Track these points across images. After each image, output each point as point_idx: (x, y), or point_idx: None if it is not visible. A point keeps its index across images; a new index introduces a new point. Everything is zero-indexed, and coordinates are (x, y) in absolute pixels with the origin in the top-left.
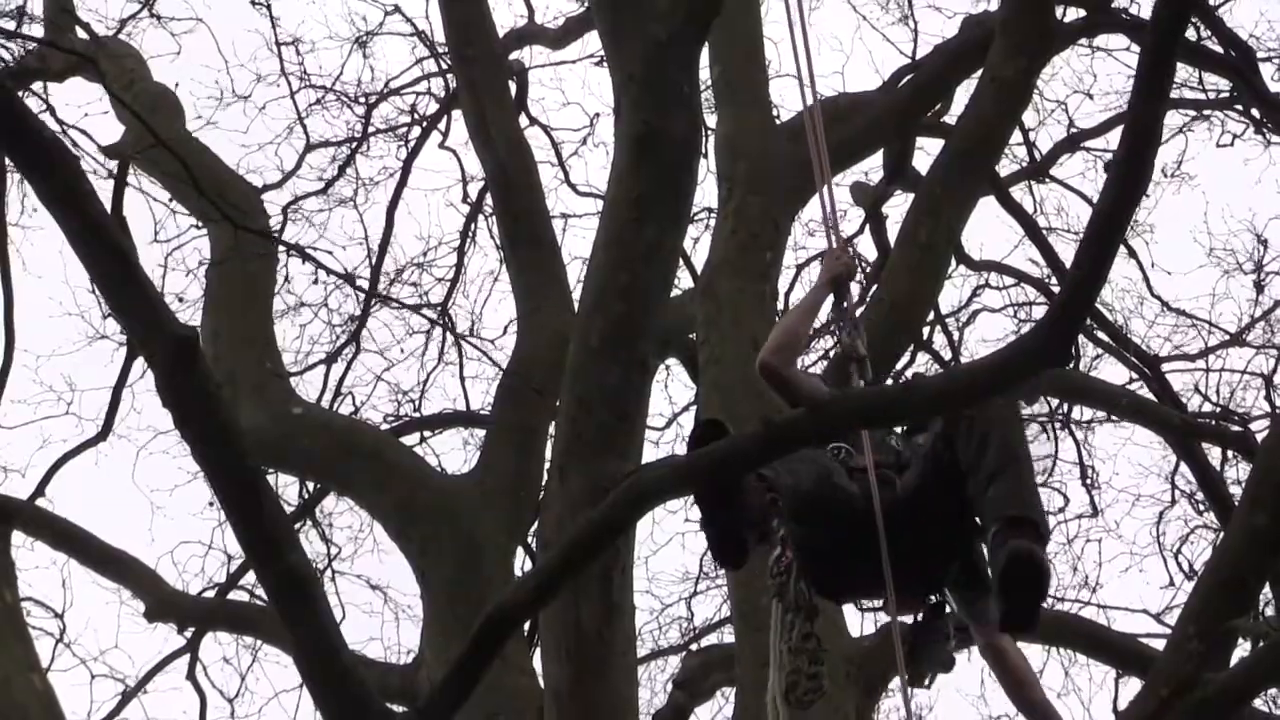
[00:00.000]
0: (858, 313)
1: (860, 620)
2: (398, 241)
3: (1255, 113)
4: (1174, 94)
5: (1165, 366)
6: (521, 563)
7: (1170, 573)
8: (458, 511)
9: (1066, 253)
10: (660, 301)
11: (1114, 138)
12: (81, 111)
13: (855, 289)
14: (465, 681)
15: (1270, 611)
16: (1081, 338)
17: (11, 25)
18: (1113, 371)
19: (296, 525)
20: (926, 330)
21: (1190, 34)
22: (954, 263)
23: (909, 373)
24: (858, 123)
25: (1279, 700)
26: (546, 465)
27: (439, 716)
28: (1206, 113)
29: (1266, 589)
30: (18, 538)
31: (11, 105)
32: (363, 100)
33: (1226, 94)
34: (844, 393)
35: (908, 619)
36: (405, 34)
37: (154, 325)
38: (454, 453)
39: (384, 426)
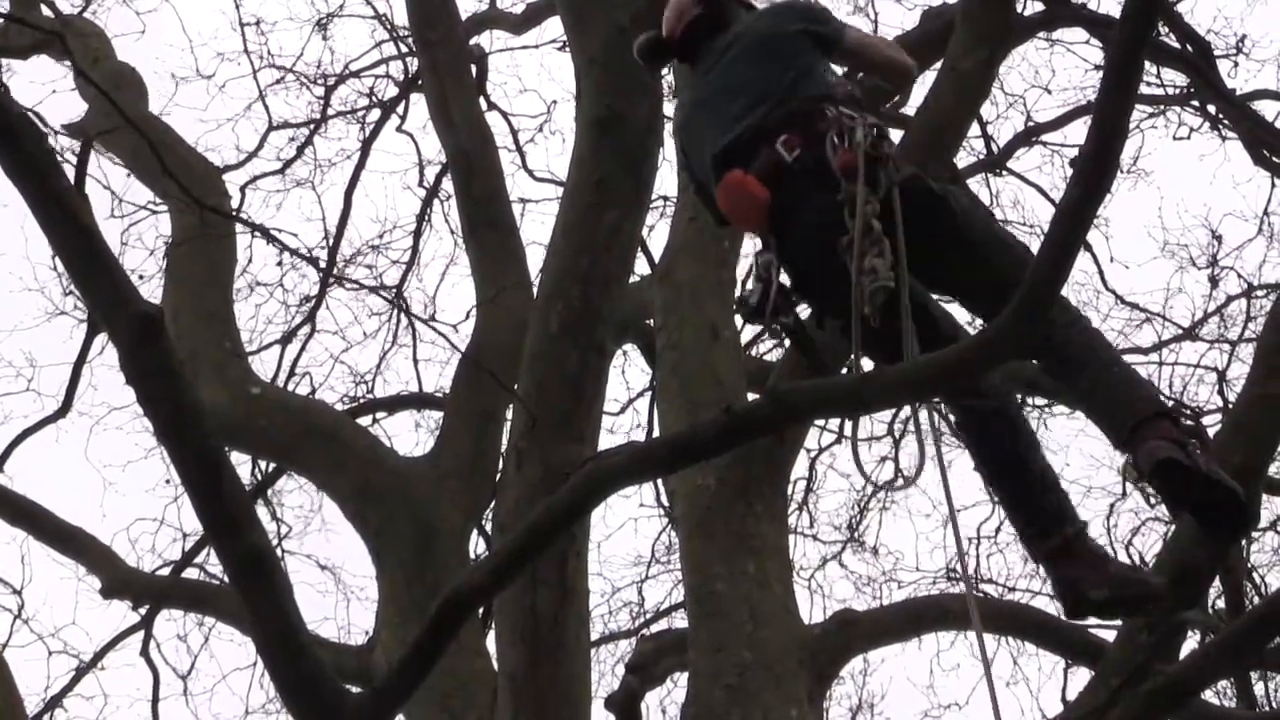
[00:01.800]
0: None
1: (810, 608)
2: (354, 224)
3: (1211, 109)
4: None
5: (1130, 359)
6: (477, 546)
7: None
8: (414, 494)
9: (1032, 242)
10: (619, 287)
11: (1071, 131)
12: (46, 89)
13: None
14: (423, 663)
15: (1220, 604)
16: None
17: None
18: None
19: (252, 502)
20: None
21: None
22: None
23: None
24: None
25: (1228, 692)
26: (503, 449)
27: (396, 698)
28: (1163, 108)
29: (1216, 582)
30: None
31: None
32: (322, 82)
33: (1183, 89)
34: (803, 383)
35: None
36: (366, 16)
37: (118, 302)
38: (407, 434)
39: (340, 407)
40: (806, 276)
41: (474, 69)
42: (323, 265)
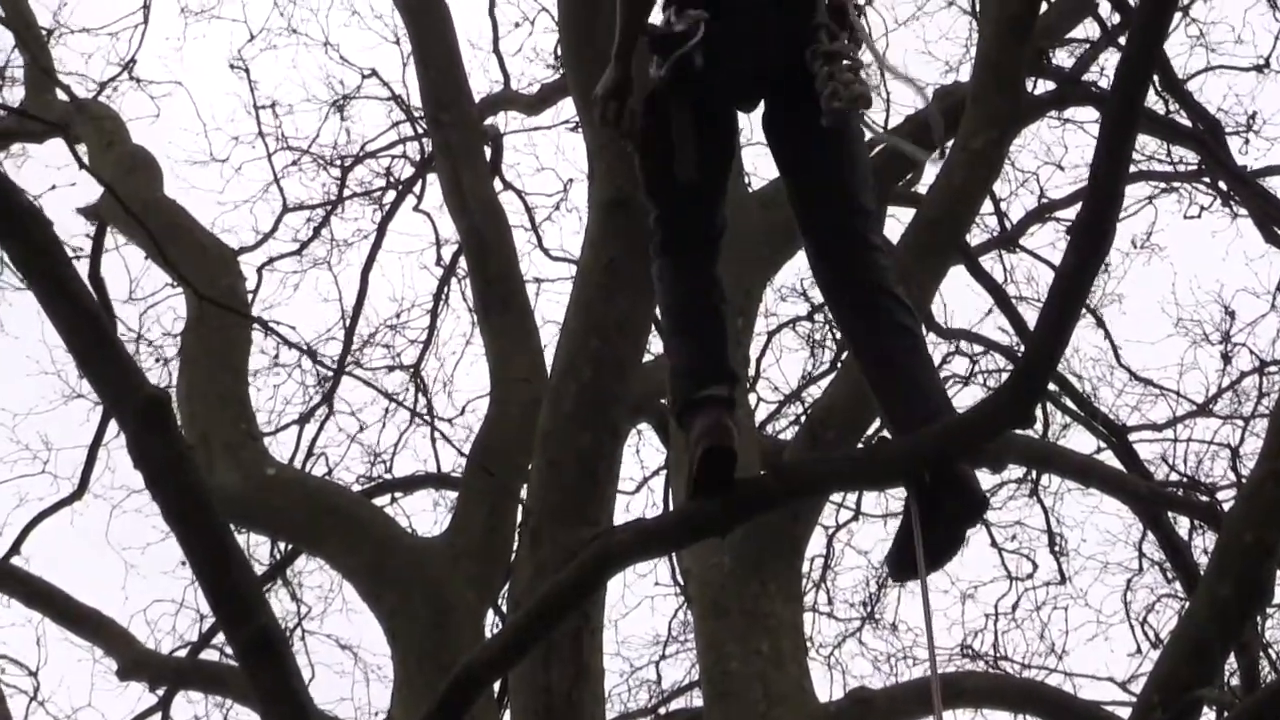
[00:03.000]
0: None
1: (830, 685)
2: (371, 303)
3: (1222, 185)
4: (1142, 166)
5: (1133, 436)
6: (492, 624)
7: (1137, 640)
8: (429, 573)
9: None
10: (632, 368)
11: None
12: (60, 172)
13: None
14: None
15: (1235, 681)
16: (1050, 406)
17: None
18: (1081, 440)
19: (267, 585)
20: None
21: (1159, 107)
22: (924, 330)
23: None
24: None
25: None
26: (518, 527)
27: None
28: (1175, 185)
29: (1231, 658)
30: None
31: None
32: (339, 163)
33: (1194, 167)
34: (808, 458)
35: None
36: (382, 98)
37: (124, 386)
38: (424, 513)
39: (356, 487)
40: (738, 51)
41: (489, 149)
42: (320, 359)
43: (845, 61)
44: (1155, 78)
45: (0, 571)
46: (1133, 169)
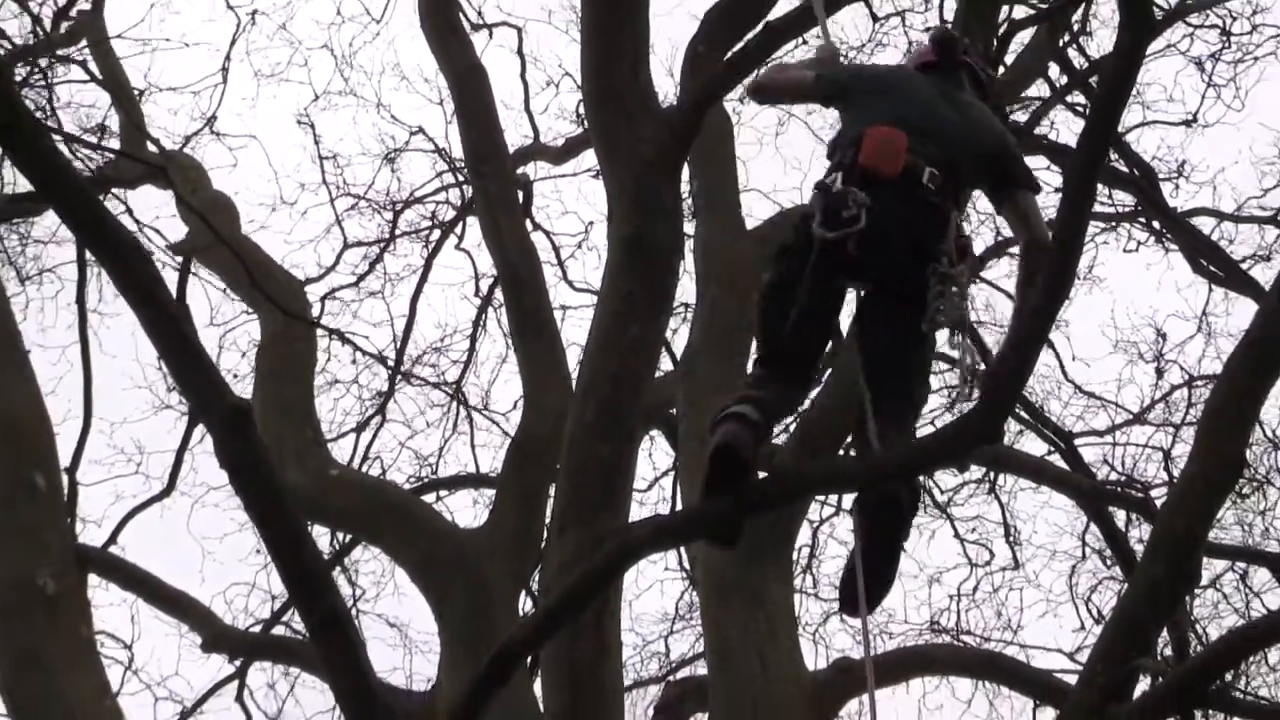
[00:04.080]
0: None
1: (815, 658)
2: (419, 329)
3: (1156, 224)
4: None
5: (1078, 441)
6: (524, 606)
7: (1081, 618)
8: (471, 561)
9: (991, 341)
10: (645, 383)
11: None
12: (152, 214)
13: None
14: (476, 706)
15: (1168, 652)
16: (1011, 422)
17: (93, 139)
18: (1032, 445)
19: (331, 570)
20: None
21: None
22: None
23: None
24: None
25: None
26: (547, 522)
27: None
28: (1115, 224)
29: (1164, 633)
30: (93, 580)
31: (94, 208)
32: (390, 207)
33: (1132, 208)
34: (800, 466)
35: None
36: (427, 151)
37: (212, 397)
38: (465, 509)
39: (407, 486)
40: (881, 249)
41: (521, 195)
42: (391, 364)
43: (955, 288)
44: None
45: (99, 559)
46: None
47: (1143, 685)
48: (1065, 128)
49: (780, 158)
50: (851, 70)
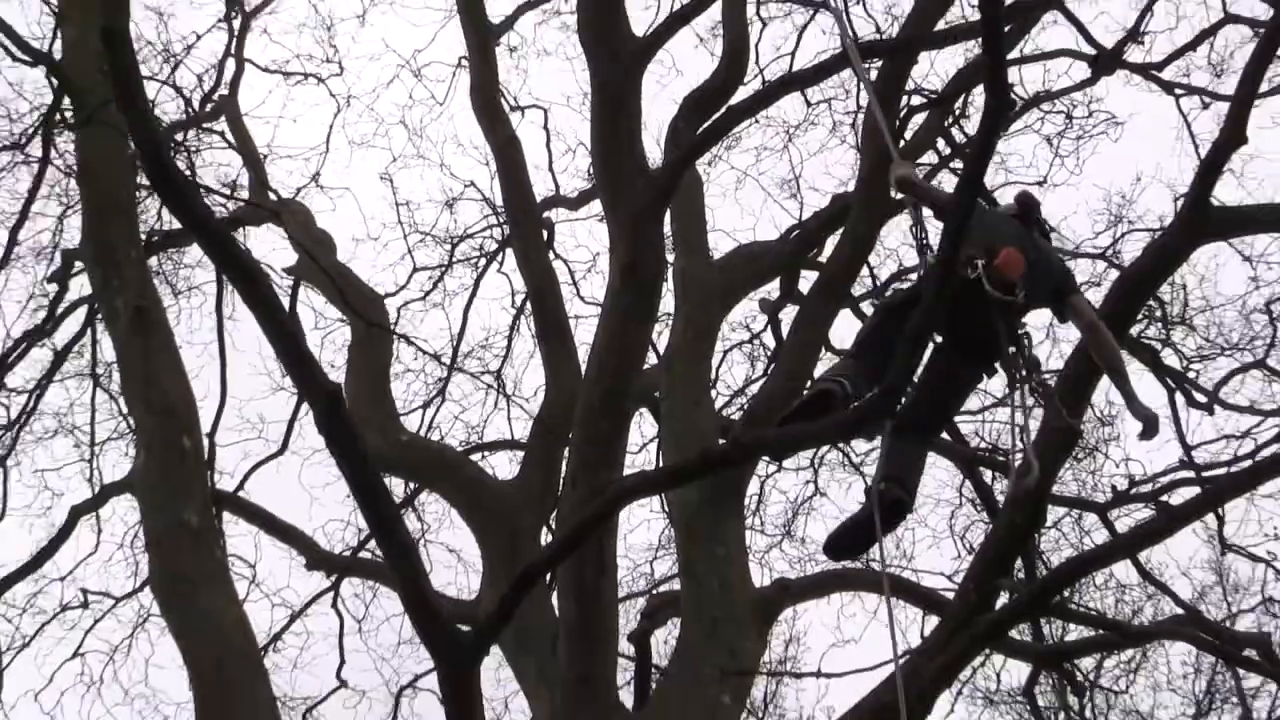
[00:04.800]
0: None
1: (761, 577)
2: (470, 331)
3: None
4: None
5: (957, 419)
6: (544, 537)
7: (958, 550)
8: (505, 505)
9: None
10: (637, 375)
11: None
12: (272, 246)
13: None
14: (508, 610)
15: (1022, 575)
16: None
17: (228, 191)
18: None
19: (401, 511)
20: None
21: None
22: (823, 351)
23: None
24: (765, 261)
25: (1026, 632)
26: (562, 477)
27: (490, 633)
28: None
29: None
30: (227, 517)
31: (227, 244)
32: (449, 241)
33: None
34: (750, 432)
35: None
36: (476, 199)
37: (314, 383)
38: (503, 466)
39: (459, 449)
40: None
41: (545, 233)
42: (447, 359)
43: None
44: None
45: (231, 501)
46: None
47: (1003, 600)
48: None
49: (738, 207)
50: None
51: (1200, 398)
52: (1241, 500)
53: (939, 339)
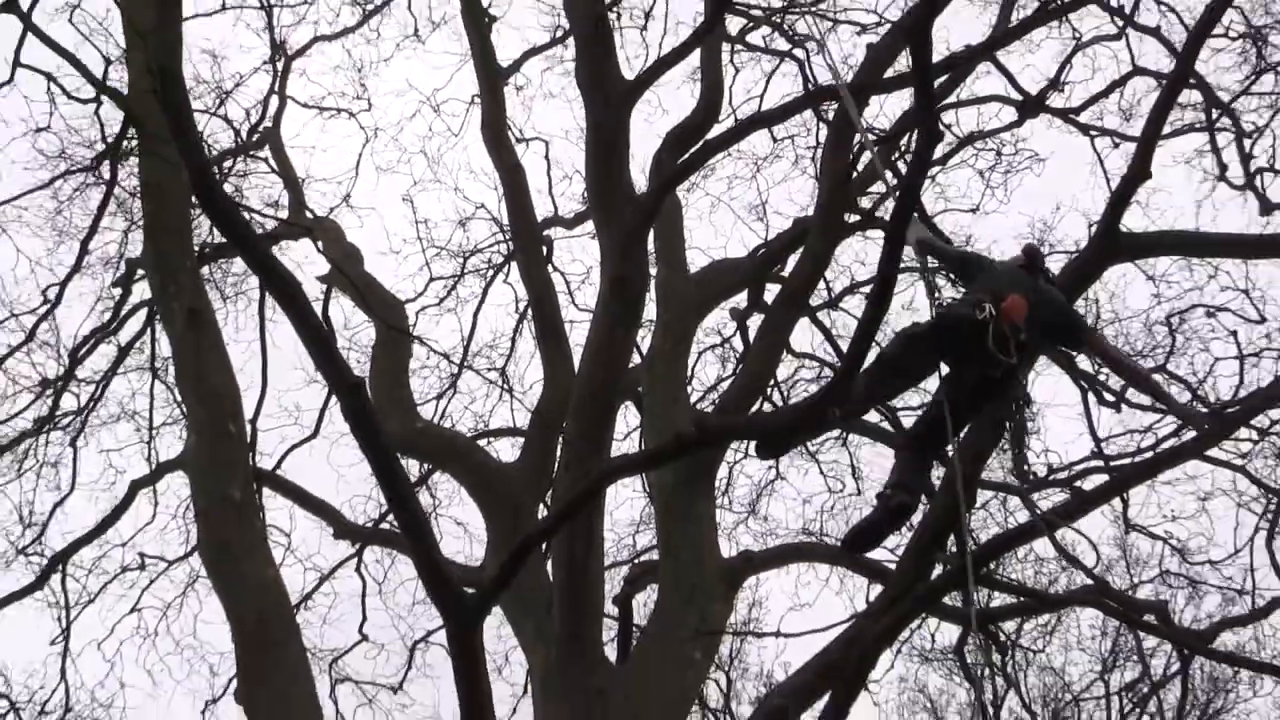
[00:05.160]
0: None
1: (729, 549)
2: (480, 334)
3: (953, 276)
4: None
5: (900, 413)
6: (540, 513)
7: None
8: (508, 484)
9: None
10: (623, 374)
11: None
12: (305, 255)
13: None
14: (506, 578)
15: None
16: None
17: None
18: (870, 415)
19: (416, 488)
20: (770, 389)
21: None
22: (784, 353)
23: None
24: (735, 275)
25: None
26: (557, 460)
27: (493, 596)
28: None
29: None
30: (266, 492)
31: (266, 256)
32: (461, 255)
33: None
34: (717, 420)
35: None
36: (486, 219)
37: (341, 377)
38: (507, 451)
39: (468, 435)
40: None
41: (545, 249)
42: (456, 358)
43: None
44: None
45: (270, 478)
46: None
47: (938, 571)
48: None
49: (712, 228)
50: (975, 258)
51: (1109, 397)
52: (1144, 487)
53: (947, 369)
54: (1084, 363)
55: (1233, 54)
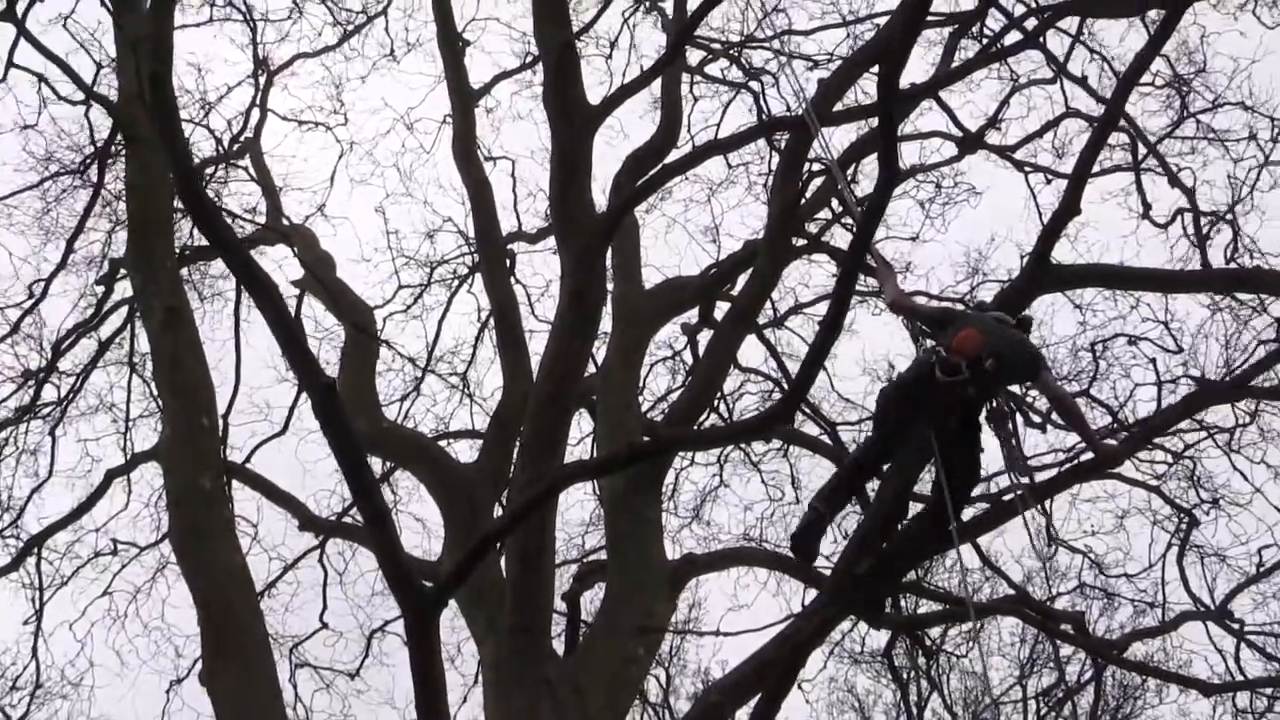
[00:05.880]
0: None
1: (674, 552)
2: (443, 340)
3: None
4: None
5: (840, 428)
6: (497, 512)
7: (835, 536)
8: (467, 483)
9: (791, 366)
10: (578, 381)
11: (821, 308)
12: (281, 260)
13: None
14: (464, 573)
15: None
16: (799, 414)
17: (249, 216)
18: (810, 428)
19: (379, 483)
20: (717, 402)
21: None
22: (731, 367)
23: (708, 423)
24: (687, 292)
25: None
26: (514, 462)
27: (451, 589)
28: (864, 298)
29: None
30: (235, 484)
31: (246, 259)
32: (428, 265)
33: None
34: (666, 430)
35: None
36: (453, 231)
37: (313, 375)
38: (466, 451)
39: (430, 436)
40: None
41: (508, 261)
42: (421, 363)
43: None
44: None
45: (239, 470)
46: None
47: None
48: (842, 239)
49: (667, 247)
50: (949, 313)
51: (1036, 418)
52: (1066, 502)
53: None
54: (1014, 386)
55: (1159, 99)
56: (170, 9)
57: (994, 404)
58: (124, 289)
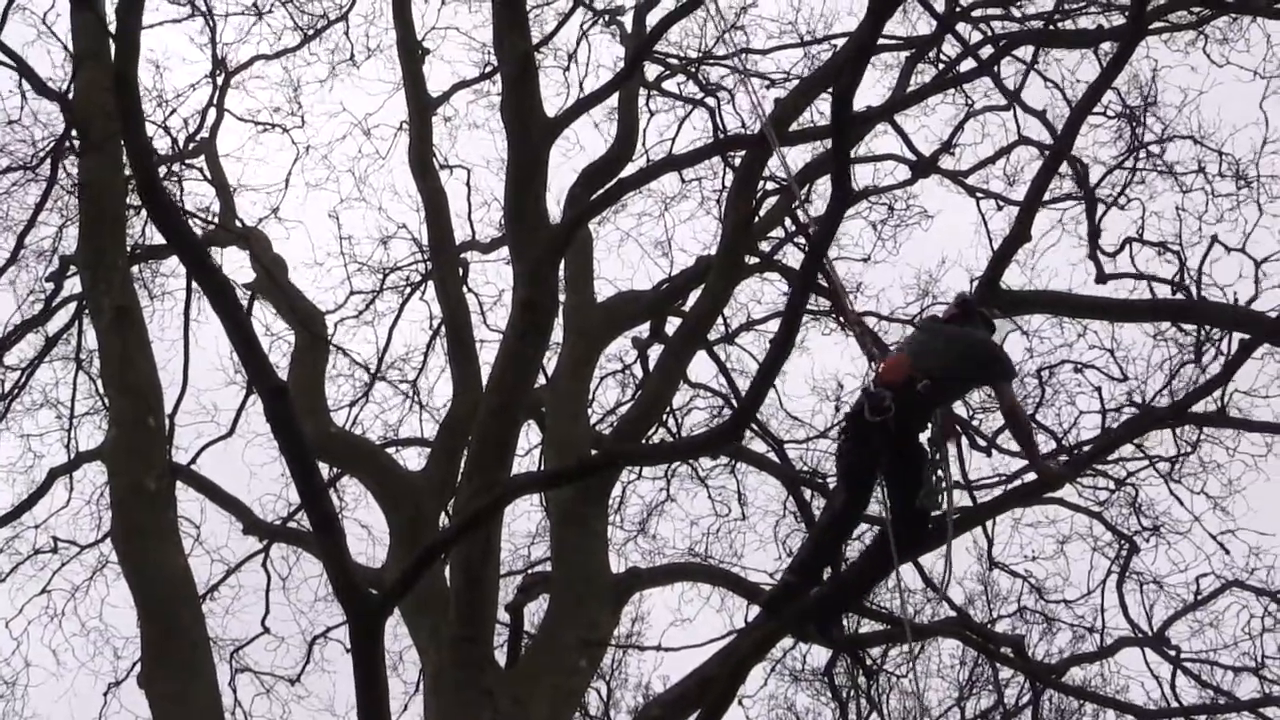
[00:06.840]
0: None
1: (618, 565)
2: (393, 347)
3: (842, 320)
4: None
5: (787, 445)
6: (443, 521)
7: (780, 553)
8: (413, 491)
9: (741, 382)
10: (527, 393)
11: (771, 325)
12: (234, 264)
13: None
14: (410, 581)
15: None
16: (748, 431)
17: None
18: (758, 445)
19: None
20: (666, 416)
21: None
22: (681, 384)
23: (656, 437)
24: (639, 306)
25: None
26: (461, 471)
27: (396, 597)
28: (818, 316)
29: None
30: (180, 485)
31: (205, 257)
32: (381, 271)
33: (829, 307)
34: (616, 445)
35: None
36: (406, 239)
37: (265, 377)
38: (414, 459)
39: (377, 442)
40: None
41: (461, 270)
42: (371, 369)
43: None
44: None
45: (184, 472)
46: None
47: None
48: (794, 258)
49: (620, 260)
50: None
51: (981, 442)
52: (1008, 526)
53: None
54: (960, 408)
55: (1109, 130)
56: (139, 6)
57: (937, 420)
58: (73, 285)
